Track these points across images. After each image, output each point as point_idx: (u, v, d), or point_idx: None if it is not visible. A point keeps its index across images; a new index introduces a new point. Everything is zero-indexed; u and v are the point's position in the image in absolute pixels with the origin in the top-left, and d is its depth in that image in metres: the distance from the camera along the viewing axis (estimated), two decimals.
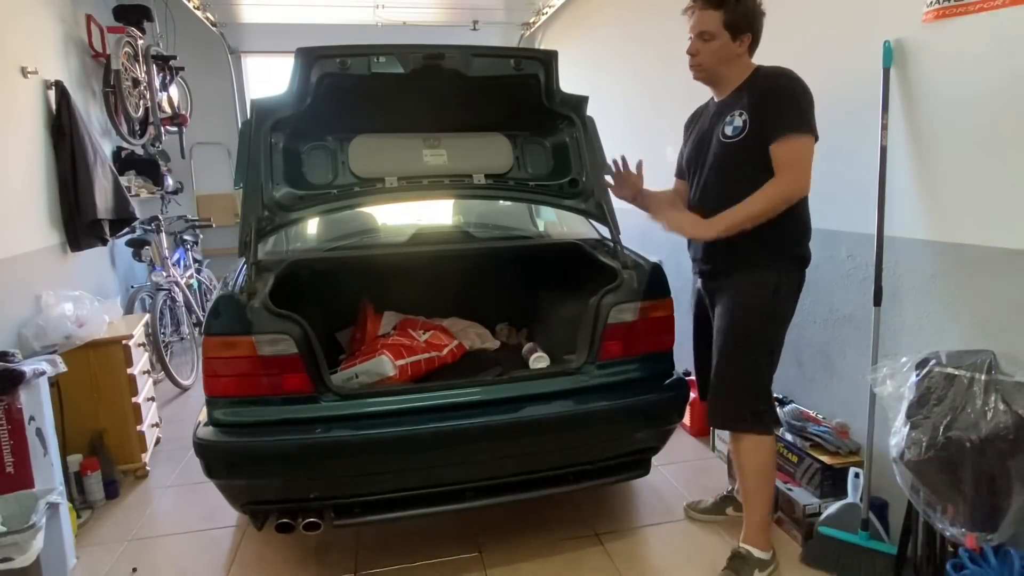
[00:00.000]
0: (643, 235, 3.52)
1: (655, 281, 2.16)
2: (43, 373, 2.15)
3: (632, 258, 2.26)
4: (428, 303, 2.79)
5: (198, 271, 4.76)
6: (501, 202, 2.91)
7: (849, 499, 2.04)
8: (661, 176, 3.48)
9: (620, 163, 2.17)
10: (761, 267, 1.89)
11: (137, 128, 3.99)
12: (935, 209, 1.88)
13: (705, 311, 2.10)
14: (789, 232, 1.89)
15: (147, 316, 3.34)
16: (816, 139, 1.81)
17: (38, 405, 2.15)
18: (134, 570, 2.14)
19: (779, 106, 1.79)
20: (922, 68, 1.88)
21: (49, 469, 2.16)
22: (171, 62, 4.52)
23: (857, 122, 2.12)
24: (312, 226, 2.84)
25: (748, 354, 1.91)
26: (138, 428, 2.80)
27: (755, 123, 1.82)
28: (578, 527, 2.29)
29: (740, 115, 1.85)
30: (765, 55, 1.93)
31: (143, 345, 3.02)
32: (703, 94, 2.06)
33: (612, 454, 2.12)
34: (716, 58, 1.88)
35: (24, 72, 2.81)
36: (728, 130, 1.88)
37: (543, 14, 5.29)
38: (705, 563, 2.08)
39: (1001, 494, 1.51)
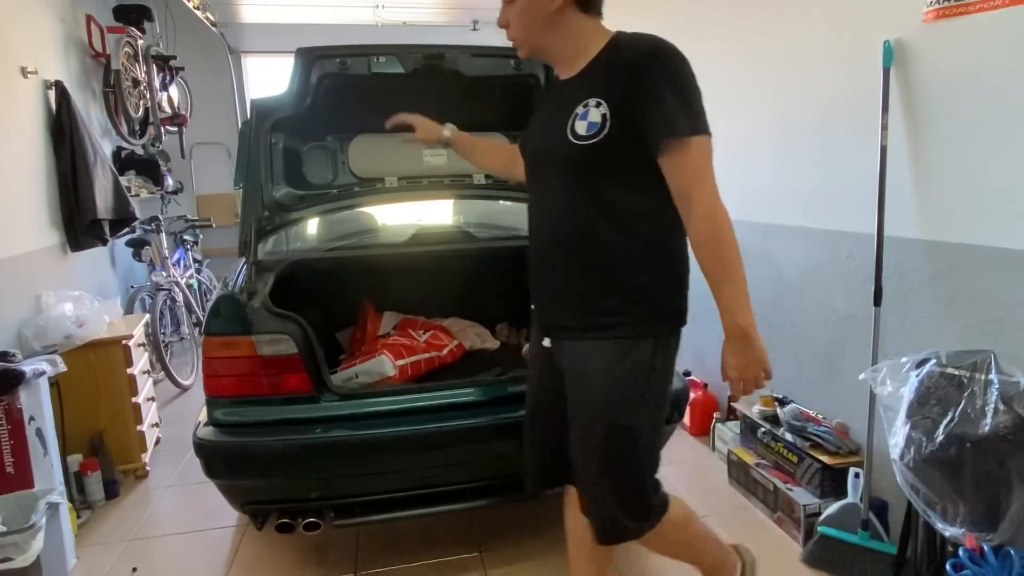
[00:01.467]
0: None
1: None
2: (43, 373, 2.15)
3: None
4: (428, 303, 2.79)
5: (198, 271, 4.76)
6: (501, 202, 2.91)
7: (849, 499, 2.04)
8: None
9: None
10: (628, 330, 1.35)
11: (137, 128, 3.99)
12: (935, 209, 1.88)
13: (545, 370, 1.53)
14: (665, 276, 1.39)
15: (147, 316, 3.33)
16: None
17: (38, 405, 2.15)
18: (134, 570, 2.14)
19: (662, 94, 1.24)
20: (922, 68, 1.88)
21: (49, 469, 2.16)
22: (171, 62, 4.52)
23: (857, 122, 2.12)
24: (312, 226, 2.84)
25: (622, 452, 1.39)
26: (138, 428, 2.79)
27: (621, 118, 1.28)
28: None
29: (597, 105, 1.30)
30: (761, 52, 1.89)
31: (143, 345, 3.02)
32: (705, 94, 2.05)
33: None
34: (525, 23, 1.37)
35: (24, 72, 2.81)
36: (580, 127, 1.31)
37: None
38: None
39: (1001, 494, 1.51)
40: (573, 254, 1.39)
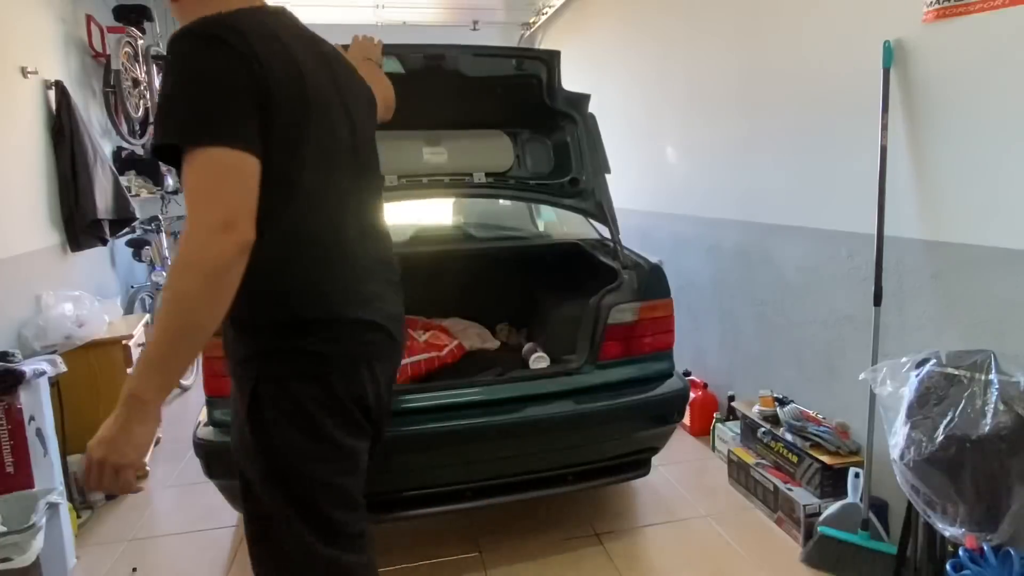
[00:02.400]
0: (643, 235, 3.52)
1: (655, 281, 2.16)
2: (43, 373, 2.15)
3: (632, 258, 2.26)
4: (428, 303, 2.78)
5: None
6: (501, 201, 2.91)
7: (849, 499, 2.04)
8: (662, 176, 3.48)
9: None
10: (238, 358, 1.16)
11: (137, 128, 3.99)
12: (935, 209, 1.88)
13: None
14: (271, 309, 1.11)
15: (147, 316, 3.34)
16: (240, 147, 0.97)
17: (38, 405, 2.15)
18: (134, 570, 2.14)
19: (164, 91, 1.02)
20: (922, 68, 1.88)
21: (49, 469, 2.16)
22: None
23: (857, 122, 2.12)
24: None
25: (250, 518, 1.17)
26: None
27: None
28: (578, 527, 2.29)
29: None
30: (760, 52, 1.90)
31: (143, 345, 3.02)
32: (703, 94, 2.05)
33: (612, 454, 2.12)
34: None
35: (24, 72, 2.80)
36: None
37: (543, 14, 5.29)
38: (705, 563, 2.08)
39: (1001, 494, 1.51)
40: None
